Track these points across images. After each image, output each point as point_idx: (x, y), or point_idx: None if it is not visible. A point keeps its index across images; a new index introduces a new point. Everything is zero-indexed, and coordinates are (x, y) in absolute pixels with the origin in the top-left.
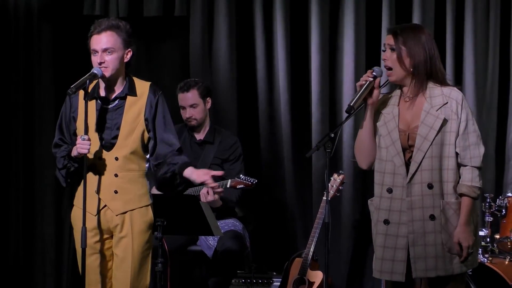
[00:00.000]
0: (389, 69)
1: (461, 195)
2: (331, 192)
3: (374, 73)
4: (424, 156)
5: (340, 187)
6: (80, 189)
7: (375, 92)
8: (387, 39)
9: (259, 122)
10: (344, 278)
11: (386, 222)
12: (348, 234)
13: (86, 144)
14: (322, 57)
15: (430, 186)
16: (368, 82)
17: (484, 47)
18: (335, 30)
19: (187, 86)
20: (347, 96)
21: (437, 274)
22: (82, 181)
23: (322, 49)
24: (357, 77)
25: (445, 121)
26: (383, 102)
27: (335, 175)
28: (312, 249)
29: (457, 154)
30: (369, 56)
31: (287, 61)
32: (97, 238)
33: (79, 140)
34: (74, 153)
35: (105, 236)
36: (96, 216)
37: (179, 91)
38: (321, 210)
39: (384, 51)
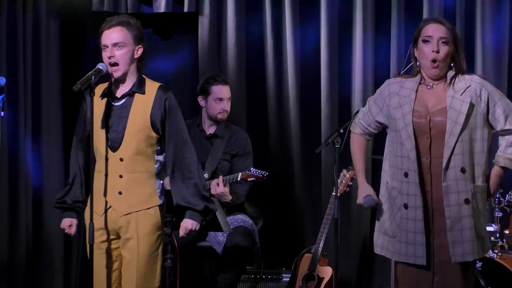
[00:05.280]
0: (434, 61)
1: (497, 163)
2: (340, 188)
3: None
4: (457, 140)
5: (350, 183)
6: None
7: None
8: (436, 30)
9: (269, 118)
10: (353, 273)
11: (406, 206)
12: (358, 230)
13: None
14: (332, 53)
15: (463, 170)
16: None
17: (494, 43)
18: (344, 26)
19: (224, 79)
20: (357, 92)
21: (474, 258)
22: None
23: (331, 46)
24: (365, 73)
25: (471, 105)
26: (400, 83)
27: (345, 171)
28: (321, 245)
29: (490, 128)
30: (378, 52)
31: (296, 57)
32: (104, 238)
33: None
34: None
35: (112, 236)
36: (103, 216)
37: (218, 83)
38: (330, 206)
39: (427, 41)
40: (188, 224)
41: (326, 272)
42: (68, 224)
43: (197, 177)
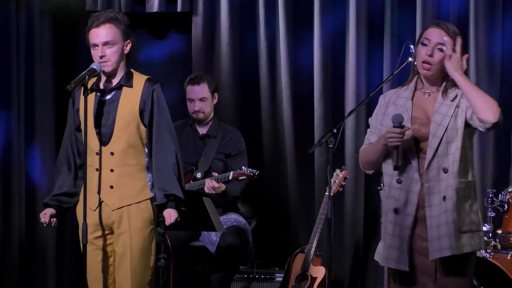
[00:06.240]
0: (427, 63)
1: None
2: (334, 188)
3: (397, 125)
4: (440, 142)
5: (343, 183)
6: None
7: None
8: (435, 35)
9: (262, 118)
10: (346, 273)
11: (396, 211)
12: (351, 230)
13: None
14: (325, 52)
15: (445, 171)
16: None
17: (486, 43)
18: (337, 26)
19: (198, 79)
20: (350, 91)
21: (452, 253)
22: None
23: (324, 45)
24: (358, 73)
25: (457, 108)
26: (396, 93)
27: (338, 171)
28: (314, 245)
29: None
30: (371, 52)
31: (290, 57)
32: (98, 234)
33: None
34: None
35: (106, 232)
36: (96, 211)
37: (189, 83)
38: (323, 205)
39: (425, 44)
40: (173, 215)
41: (319, 271)
42: (44, 213)
43: (176, 168)
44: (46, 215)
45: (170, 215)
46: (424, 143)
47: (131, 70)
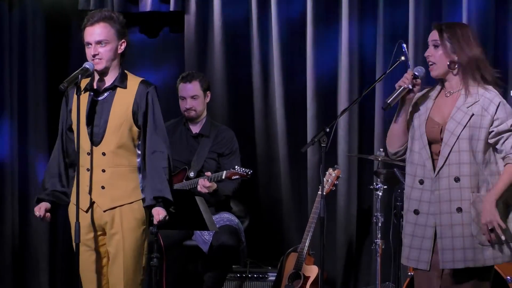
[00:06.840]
0: (432, 64)
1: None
2: (327, 187)
3: (416, 73)
4: (450, 151)
5: (336, 182)
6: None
7: (416, 89)
8: (431, 35)
9: (254, 117)
10: (339, 272)
11: (416, 212)
12: (344, 229)
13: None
14: (318, 52)
15: (456, 180)
16: (405, 87)
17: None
18: (330, 25)
19: (190, 77)
20: (343, 91)
21: (465, 265)
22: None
23: (317, 44)
24: (351, 72)
25: (473, 116)
26: (423, 95)
27: (331, 170)
28: (307, 244)
29: (494, 149)
30: (364, 52)
31: (282, 56)
32: (91, 235)
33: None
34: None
35: (98, 233)
36: (88, 212)
37: (181, 81)
38: (316, 205)
39: (428, 48)
40: (161, 213)
41: (312, 271)
42: (38, 207)
43: (167, 171)
44: (41, 209)
45: (159, 212)
46: (436, 145)
47: (125, 71)
